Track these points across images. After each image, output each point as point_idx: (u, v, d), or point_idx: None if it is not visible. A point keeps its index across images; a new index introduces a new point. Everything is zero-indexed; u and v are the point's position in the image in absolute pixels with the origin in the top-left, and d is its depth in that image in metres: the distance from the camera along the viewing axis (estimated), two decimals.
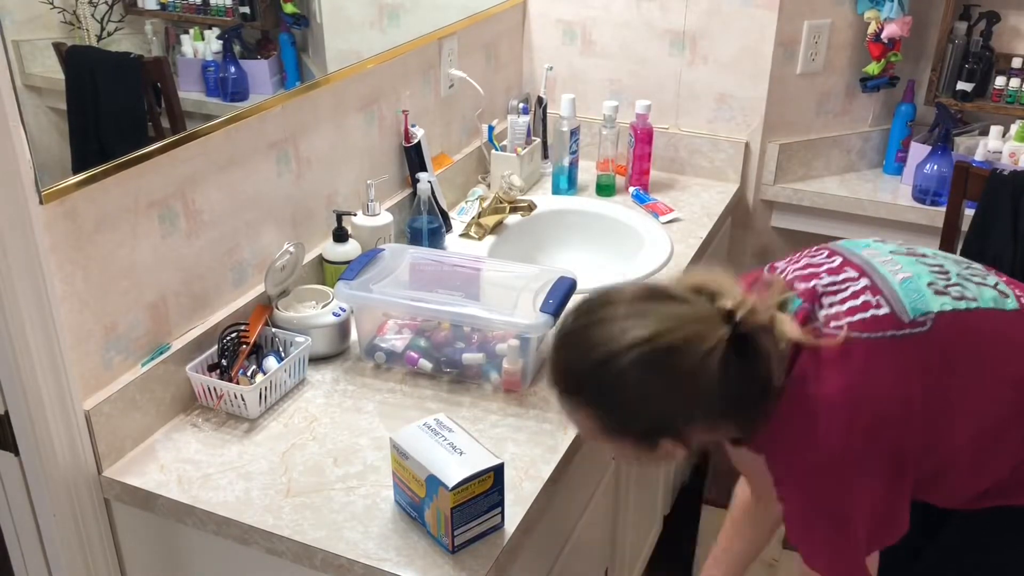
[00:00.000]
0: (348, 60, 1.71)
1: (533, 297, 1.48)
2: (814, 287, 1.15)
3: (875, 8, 2.18)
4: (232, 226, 1.49)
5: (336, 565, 1.16)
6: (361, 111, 1.78)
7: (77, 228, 1.22)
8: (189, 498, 1.24)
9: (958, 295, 1.14)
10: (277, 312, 1.52)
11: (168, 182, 1.35)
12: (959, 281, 1.16)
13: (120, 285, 1.30)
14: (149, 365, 1.35)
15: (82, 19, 1.24)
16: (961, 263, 1.21)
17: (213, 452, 1.33)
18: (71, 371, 1.23)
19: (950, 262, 1.20)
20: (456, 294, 1.52)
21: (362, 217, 1.73)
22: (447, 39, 2.02)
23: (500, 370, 1.47)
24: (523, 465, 1.30)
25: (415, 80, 1.95)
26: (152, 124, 1.38)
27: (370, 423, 1.39)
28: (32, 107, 1.14)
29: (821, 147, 2.32)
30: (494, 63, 2.25)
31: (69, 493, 1.26)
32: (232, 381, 1.39)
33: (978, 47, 2.22)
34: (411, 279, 1.59)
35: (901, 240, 1.28)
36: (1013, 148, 2.14)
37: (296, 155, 1.61)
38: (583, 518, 1.61)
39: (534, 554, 1.37)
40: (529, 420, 1.40)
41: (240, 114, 1.45)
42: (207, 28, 1.48)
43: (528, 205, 2.04)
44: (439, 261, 1.67)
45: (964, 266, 1.21)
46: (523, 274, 1.57)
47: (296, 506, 1.22)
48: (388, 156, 1.90)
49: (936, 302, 1.12)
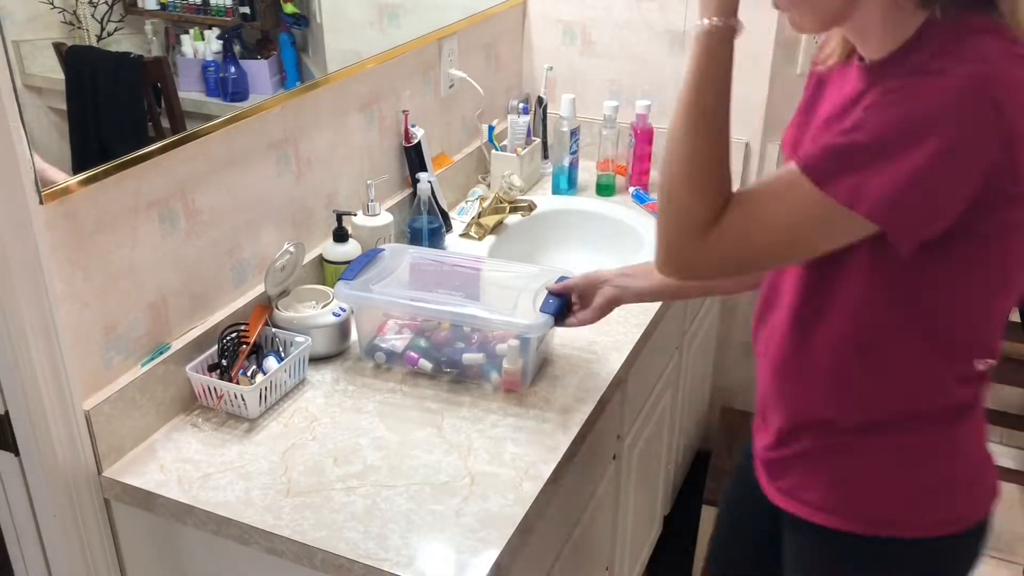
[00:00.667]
0: (348, 60, 1.71)
1: (533, 297, 1.48)
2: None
3: None
4: (232, 226, 1.49)
5: (336, 565, 1.16)
6: (361, 111, 1.78)
7: (77, 228, 1.22)
8: (189, 498, 1.24)
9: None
10: (277, 312, 1.52)
11: (168, 182, 1.35)
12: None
13: (120, 285, 1.30)
14: (149, 365, 1.35)
15: (82, 19, 1.24)
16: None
17: (213, 452, 1.33)
18: (71, 371, 1.23)
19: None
20: (456, 294, 1.52)
21: (362, 217, 1.73)
22: (447, 39, 2.02)
23: (500, 370, 1.47)
24: (523, 465, 1.30)
25: (415, 80, 1.95)
26: (152, 124, 1.38)
27: (370, 423, 1.39)
28: (32, 107, 1.14)
29: None
30: (494, 63, 2.25)
31: (69, 493, 1.26)
32: (232, 381, 1.39)
33: None
34: (411, 279, 1.59)
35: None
36: None
37: (296, 155, 1.61)
38: (583, 518, 1.61)
39: (534, 554, 1.37)
40: (529, 420, 1.40)
41: (240, 114, 1.45)
42: (207, 28, 1.48)
43: (528, 205, 2.04)
44: (439, 261, 1.67)
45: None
46: (523, 274, 1.57)
47: (296, 506, 1.22)
48: (388, 156, 1.90)
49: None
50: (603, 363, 1.54)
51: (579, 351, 1.57)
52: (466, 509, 1.22)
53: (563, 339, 1.60)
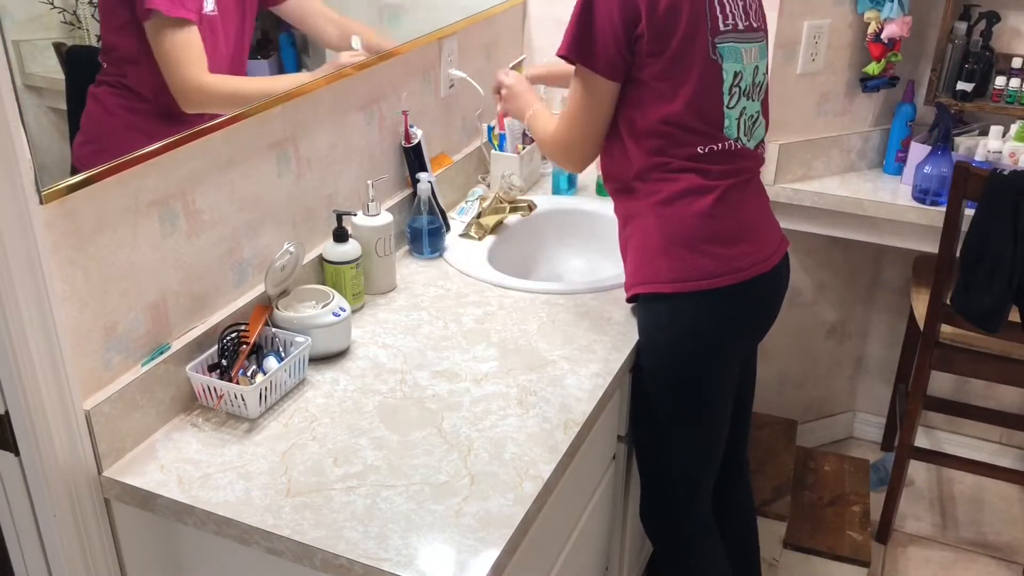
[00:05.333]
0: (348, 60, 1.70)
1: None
2: None
3: (875, 8, 2.18)
4: (232, 226, 1.49)
5: (336, 565, 1.16)
6: (361, 111, 1.78)
7: (77, 228, 1.22)
8: (189, 498, 1.24)
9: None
10: (277, 312, 1.52)
11: (168, 182, 1.35)
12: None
13: (120, 285, 1.30)
14: (149, 365, 1.35)
15: (82, 19, 1.24)
16: None
17: (213, 452, 1.33)
18: (71, 371, 1.23)
19: None
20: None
21: (362, 217, 1.73)
22: (447, 39, 2.02)
23: None
24: (523, 465, 1.30)
25: (415, 80, 1.95)
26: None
27: (370, 423, 1.39)
28: (32, 107, 1.14)
29: (821, 147, 2.32)
30: (494, 63, 2.25)
31: (69, 493, 1.26)
32: (232, 381, 1.39)
33: (978, 47, 2.22)
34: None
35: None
36: (1013, 148, 2.14)
37: (296, 155, 1.61)
38: (583, 518, 1.61)
39: (534, 554, 1.37)
40: (529, 420, 1.40)
41: (240, 114, 1.45)
42: None
43: (528, 205, 2.04)
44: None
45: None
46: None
47: (296, 506, 1.22)
48: (388, 156, 1.90)
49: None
50: (603, 363, 1.54)
51: (579, 351, 1.57)
52: (466, 509, 1.22)
53: (563, 339, 1.60)
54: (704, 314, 1.55)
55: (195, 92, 1.38)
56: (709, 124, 1.52)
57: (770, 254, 1.59)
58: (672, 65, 1.48)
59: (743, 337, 1.65)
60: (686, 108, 1.49)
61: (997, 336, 2.07)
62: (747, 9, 1.56)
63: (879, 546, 2.45)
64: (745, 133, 1.57)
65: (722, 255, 1.52)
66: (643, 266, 1.58)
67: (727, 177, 1.54)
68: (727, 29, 1.52)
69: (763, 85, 1.61)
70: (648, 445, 1.68)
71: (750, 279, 1.54)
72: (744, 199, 1.57)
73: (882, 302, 2.75)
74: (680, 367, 1.58)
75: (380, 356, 1.56)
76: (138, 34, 1.30)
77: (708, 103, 1.51)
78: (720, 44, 1.51)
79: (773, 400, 2.72)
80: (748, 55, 1.55)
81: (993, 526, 2.52)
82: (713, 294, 1.52)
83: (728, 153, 1.54)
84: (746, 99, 1.55)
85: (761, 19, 1.61)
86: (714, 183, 1.52)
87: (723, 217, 1.53)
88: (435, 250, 1.90)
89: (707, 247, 1.52)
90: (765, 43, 1.61)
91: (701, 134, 1.51)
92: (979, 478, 2.64)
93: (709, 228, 1.52)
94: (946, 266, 2.09)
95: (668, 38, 1.47)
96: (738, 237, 1.55)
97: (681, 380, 1.59)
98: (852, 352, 2.82)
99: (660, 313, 1.57)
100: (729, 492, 1.86)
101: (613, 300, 1.72)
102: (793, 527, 2.31)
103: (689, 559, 1.75)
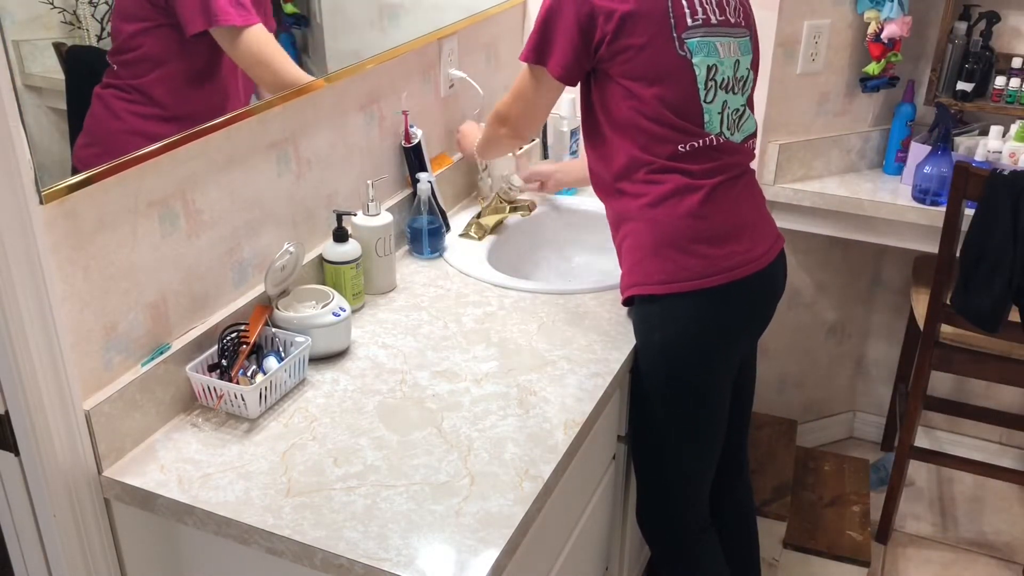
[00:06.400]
0: (348, 60, 1.70)
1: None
2: None
3: (875, 8, 2.18)
4: (232, 226, 1.49)
5: (336, 565, 1.16)
6: (361, 111, 1.78)
7: (77, 228, 1.22)
8: (189, 498, 1.24)
9: None
10: (277, 312, 1.52)
11: (168, 182, 1.35)
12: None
13: (120, 285, 1.30)
14: (149, 365, 1.35)
15: (82, 19, 1.24)
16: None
17: (213, 452, 1.33)
18: (71, 371, 1.23)
19: None
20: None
21: (362, 217, 1.73)
22: (447, 39, 2.02)
23: None
24: (523, 465, 1.30)
25: (415, 80, 1.95)
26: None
27: (370, 423, 1.39)
28: (32, 107, 1.14)
29: (821, 147, 2.32)
30: (494, 63, 2.25)
31: (69, 493, 1.26)
32: (232, 381, 1.39)
33: (978, 47, 2.22)
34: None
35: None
36: (1013, 148, 2.14)
37: (296, 155, 1.61)
38: (583, 518, 1.61)
39: (534, 554, 1.37)
40: (529, 420, 1.40)
41: (240, 114, 1.45)
42: None
43: (528, 205, 2.04)
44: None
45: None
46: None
47: (296, 506, 1.22)
48: (388, 156, 1.90)
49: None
50: (603, 363, 1.54)
51: (579, 351, 1.57)
52: (466, 509, 1.22)
53: (563, 339, 1.60)
54: (696, 314, 1.55)
55: (293, 85, 1.51)
56: (687, 119, 1.52)
57: (764, 252, 1.58)
58: (637, 66, 1.49)
59: (738, 336, 1.64)
60: (659, 103, 1.50)
61: (997, 336, 2.07)
62: (723, 4, 1.56)
63: (879, 546, 2.45)
64: (729, 127, 1.56)
65: (712, 255, 1.52)
66: (635, 268, 1.58)
67: (713, 175, 1.53)
68: (696, 24, 1.51)
69: (747, 79, 1.60)
70: (645, 446, 1.68)
71: (742, 278, 1.54)
72: (735, 197, 1.57)
73: (882, 302, 2.75)
74: (674, 368, 1.58)
75: (380, 356, 1.56)
76: (170, 37, 1.28)
77: (682, 98, 1.51)
78: (689, 39, 1.51)
79: (773, 400, 2.72)
80: (725, 49, 1.54)
81: (993, 526, 2.52)
82: (705, 294, 1.52)
83: (711, 149, 1.54)
84: (726, 93, 1.55)
85: (742, 15, 1.60)
86: (700, 182, 1.52)
87: (712, 216, 1.53)
88: (435, 250, 1.90)
89: (697, 247, 1.52)
90: (749, 39, 1.61)
91: (680, 130, 1.52)
92: (979, 478, 2.64)
93: (698, 228, 1.52)
94: (946, 266, 2.09)
95: (627, 41, 1.48)
96: (729, 236, 1.54)
97: (676, 381, 1.59)
98: (852, 352, 2.82)
99: (652, 315, 1.57)
100: (729, 492, 1.86)
101: (613, 300, 1.72)
102: (793, 527, 2.31)
103: (687, 559, 1.75)
